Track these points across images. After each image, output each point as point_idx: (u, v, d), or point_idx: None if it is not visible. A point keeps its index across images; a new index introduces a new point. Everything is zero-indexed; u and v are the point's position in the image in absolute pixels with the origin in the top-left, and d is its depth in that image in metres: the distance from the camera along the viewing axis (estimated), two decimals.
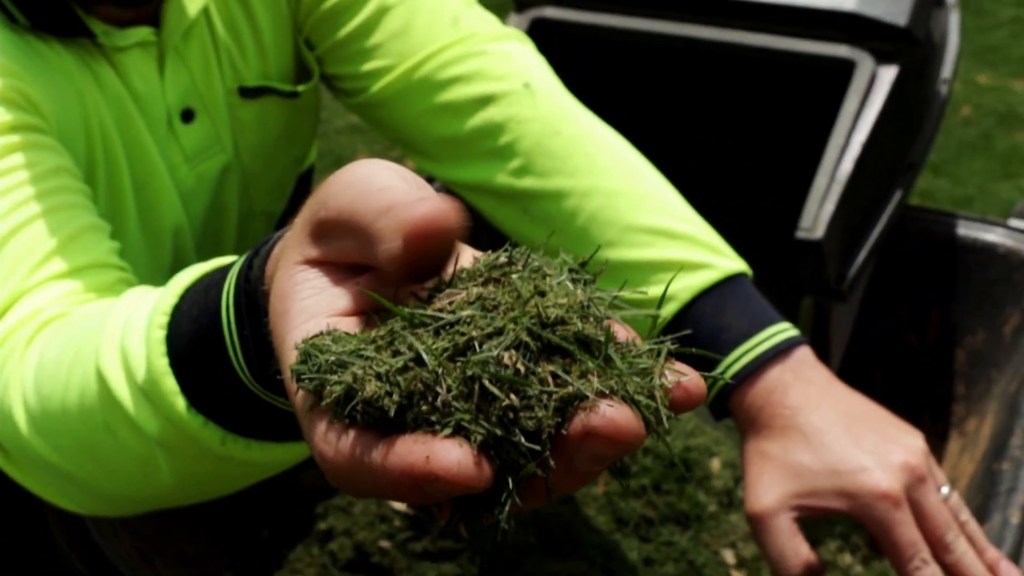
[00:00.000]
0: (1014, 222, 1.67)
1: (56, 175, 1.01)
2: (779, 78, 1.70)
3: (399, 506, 1.23)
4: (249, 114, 1.28)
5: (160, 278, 1.17)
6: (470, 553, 1.20)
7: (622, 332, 0.54)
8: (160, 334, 0.76)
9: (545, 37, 1.61)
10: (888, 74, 1.45)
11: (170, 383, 0.75)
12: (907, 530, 0.98)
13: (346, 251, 0.57)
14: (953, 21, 1.74)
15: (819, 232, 1.35)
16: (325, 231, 0.57)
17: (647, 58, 1.84)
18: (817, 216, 1.36)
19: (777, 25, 1.51)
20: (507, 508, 0.50)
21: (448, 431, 0.48)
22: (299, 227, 0.59)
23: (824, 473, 1.02)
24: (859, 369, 1.71)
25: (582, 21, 1.59)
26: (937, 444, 1.60)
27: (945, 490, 1.03)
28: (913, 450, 1.03)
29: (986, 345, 1.59)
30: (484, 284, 0.53)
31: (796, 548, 1.03)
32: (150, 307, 0.79)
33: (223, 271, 0.73)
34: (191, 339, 0.74)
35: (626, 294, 0.55)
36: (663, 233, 1.14)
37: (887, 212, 1.51)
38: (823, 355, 1.52)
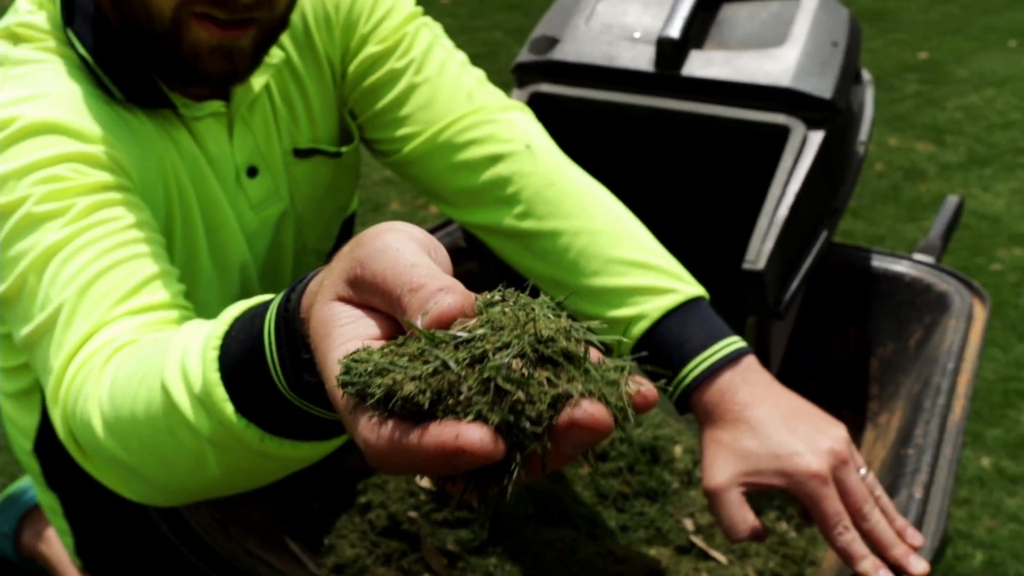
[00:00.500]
0: (917, 256, 1.67)
1: (139, 228, 1.02)
2: (729, 141, 1.71)
3: (425, 483, 1.23)
4: (302, 171, 1.28)
5: (230, 303, 1.18)
6: (481, 521, 1.20)
7: (594, 352, 0.57)
8: (214, 354, 0.77)
9: (542, 107, 1.62)
10: (816, 137, 1.45)
11: (221, 392, 0.77)
12: (832, 503, 1.00)
13: (375, 304, 0.60)
14: (868, 94, 1.75)
15: (761, 264, 1.35)
16: (358, 284, 0.60)
17: (629, 126, 1.85)
18: (759, 251, 1.36)
19: (728, 98, 1.52)
20: (515, 477, 0.53)
21: (471, 418, 0.52)
22: (336, 273, 0.62)
23: (766, 457, 1.03)
24: (793, 373, 1.71)
25: (570, 95, 1.59)
26: (856, 434, 1.60)
27: (863, 471, 1.04)
28: (838, 439, 1.04)
29: (895, 355, 1.59)
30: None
31: (744, 517, 1.04)
32: (205, 333, 0.80)
33: (265, 305, 0.75)
34: (238, 359, 0.75)
35: (595, 324, 0.59)
36: (638, 264, 1.15)
37: (816, 248, 1.52)
38: (764, 362, 1.52)
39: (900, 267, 1.63)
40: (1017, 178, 4.59)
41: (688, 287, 1.15)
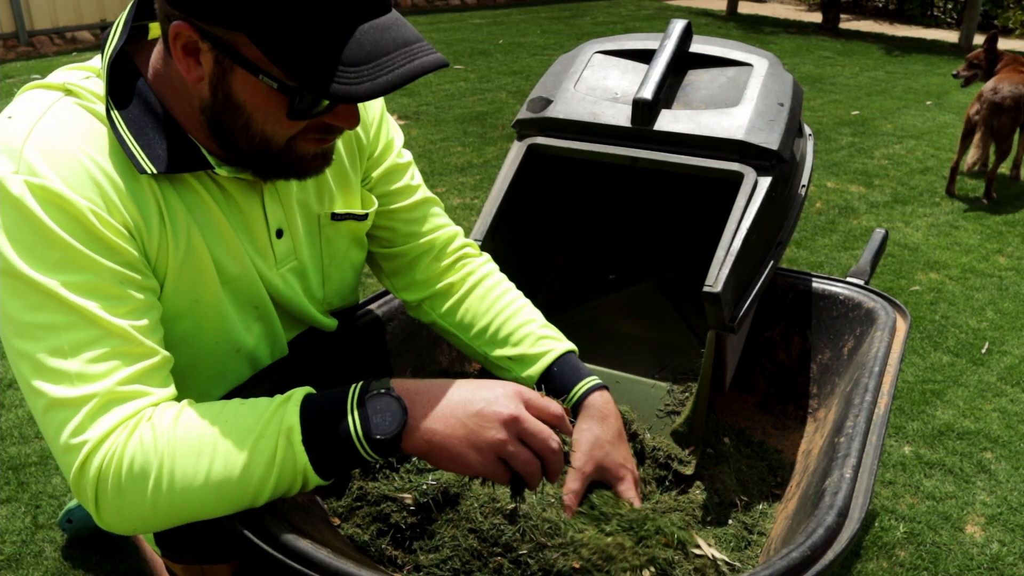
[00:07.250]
0: (850, 279, 1.68)
1: (149, 312, 1.02)
2: (693, 184, 1.71)
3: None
4: (335, 231, 1.28)
5: (249, 337, 1.18)
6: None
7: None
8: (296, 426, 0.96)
9: (538, 157, 1.63)
10: (765, 182, 1.46)
11: (301, 448, 0.95)
12: (631, 482, 1.19)
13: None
14: (809, 145, 1.76)
15: (718, 287, 1.35)
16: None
17: (609, 172, 1.86)
18: (717, 276, 1.36)
19: (692, 149, 1.52)
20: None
21: None
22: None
23: (613, 464, 1.19)
24: (747, 375, 1.71)
25: (561, 146, 1.60)
26: (798, 426, 1.60)
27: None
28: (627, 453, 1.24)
29: (831, 360, 1.59)
30: None
31: (580, 492, 1.16)
32: (276, 404, 0.98)
33: (340, 395, 0.98)
34: (324, 430, 0.96)
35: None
36: (540, 331, 1.32)
37: (765, 273, 1.52)
38: (721, 368, 1.52)
39: (836, 288, 1.64)
40: (933, 214, 4.60)
41: (568, 344, 1.32)
